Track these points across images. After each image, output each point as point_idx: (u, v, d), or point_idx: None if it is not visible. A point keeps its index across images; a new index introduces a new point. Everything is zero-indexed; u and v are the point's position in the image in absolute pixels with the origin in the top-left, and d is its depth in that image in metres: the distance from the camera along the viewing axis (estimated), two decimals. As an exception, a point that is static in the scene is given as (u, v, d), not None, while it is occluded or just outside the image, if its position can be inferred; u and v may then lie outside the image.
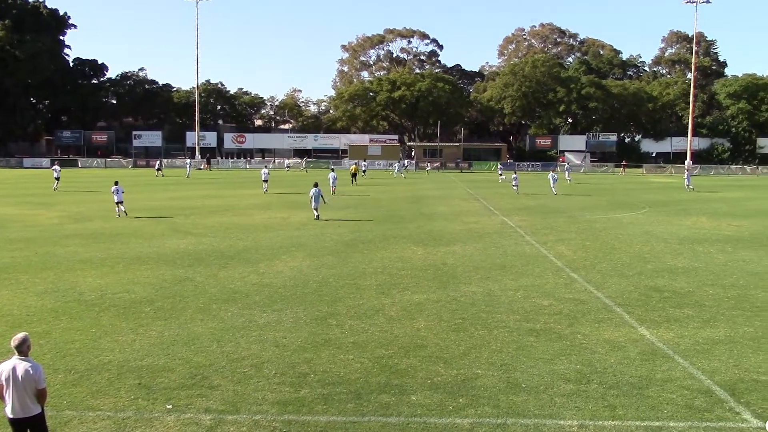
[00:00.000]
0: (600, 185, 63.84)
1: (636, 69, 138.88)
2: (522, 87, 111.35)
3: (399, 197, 45.49)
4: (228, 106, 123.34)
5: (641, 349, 12.27)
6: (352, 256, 21.63)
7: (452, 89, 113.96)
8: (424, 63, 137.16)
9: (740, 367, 11.37)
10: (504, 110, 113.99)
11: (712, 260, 21.70)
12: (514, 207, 39.13)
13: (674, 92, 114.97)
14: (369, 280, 18.01)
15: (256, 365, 11.21)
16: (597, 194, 51.12)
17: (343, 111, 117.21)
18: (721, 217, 34.21)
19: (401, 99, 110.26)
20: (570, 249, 23.64)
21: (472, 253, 22.42)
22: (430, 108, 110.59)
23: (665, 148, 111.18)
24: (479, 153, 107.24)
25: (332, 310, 14.73)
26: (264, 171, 50.81)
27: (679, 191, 54.83)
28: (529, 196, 47.12)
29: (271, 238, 25.43)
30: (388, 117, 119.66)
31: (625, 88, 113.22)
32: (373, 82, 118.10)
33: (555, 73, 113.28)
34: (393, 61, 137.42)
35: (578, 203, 42.53)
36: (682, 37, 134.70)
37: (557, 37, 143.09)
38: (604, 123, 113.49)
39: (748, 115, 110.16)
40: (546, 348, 12.27)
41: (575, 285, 17.67)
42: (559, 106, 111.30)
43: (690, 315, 14.66)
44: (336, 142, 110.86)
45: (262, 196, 44.78)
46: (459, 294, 16.41)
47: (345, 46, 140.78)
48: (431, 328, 13.48)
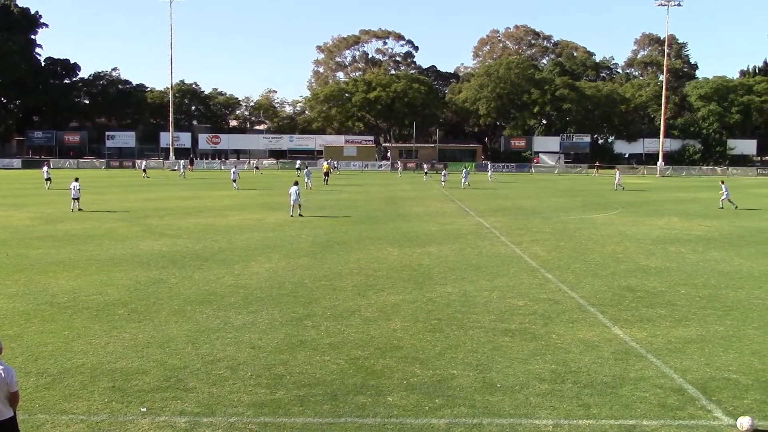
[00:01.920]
0: (574, 186, 64.32)
1: (609, 71, 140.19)
2: (497, 88, 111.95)
3: (374, 198, 45.51)
4: (202, 107, 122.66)
5: (615, 348, 12.39)
6: (327, 257, 21.60)
7: (428, 90, 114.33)
8: (400, 64, 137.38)
9: (711, 365, 11.52)
10: (479, 111, 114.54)
11: (684, 260, 21.96)
12: (489, 208, 39.31)
13: (647, 94, 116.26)
14: (345, 281, 18.00)
15: (232, 367, 11.15)
16: (571, 195, 51.53)
17: (319, 112, 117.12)
18: (692, 218, 34.63)
19: (377, 100, 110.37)
20: (544, 249, 23.79)
21: (447, 254, 22.48)
22: (406, 109, 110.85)
23: (638, 149, 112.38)
24: (455, 154, 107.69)
25: (308, 312, 14.69)
26: (233, 171, 55.01)
27: (652, 192, 55.39)
28: (505, 197, 47.39)
29: (246, 240, 25.32)
30: (363, 118, 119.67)
31: (598, 89, 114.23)
32: (349, 83, 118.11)
33: (529, 75, 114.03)
34: (368, 62, 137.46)
35: (552, 204, 42.83)
36: (654, 39, 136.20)
37: (531, 38, 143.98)
38: (577, 124, 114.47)
39: (718, 117, 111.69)
40: (521, 348, 12.34)
41: (550, 285, 17.79)
42: (533, 107, 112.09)
43: (662, 314, 14.82)
44: (311, 142, 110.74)
45: (237, 198, 44.61)
46: (435, 295, 16.45)
47: (320, 47, 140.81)
48: (407, 328, 13.50)
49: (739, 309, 15.44)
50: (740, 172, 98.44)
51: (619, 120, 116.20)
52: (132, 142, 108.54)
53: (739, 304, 15.97)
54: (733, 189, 62.18)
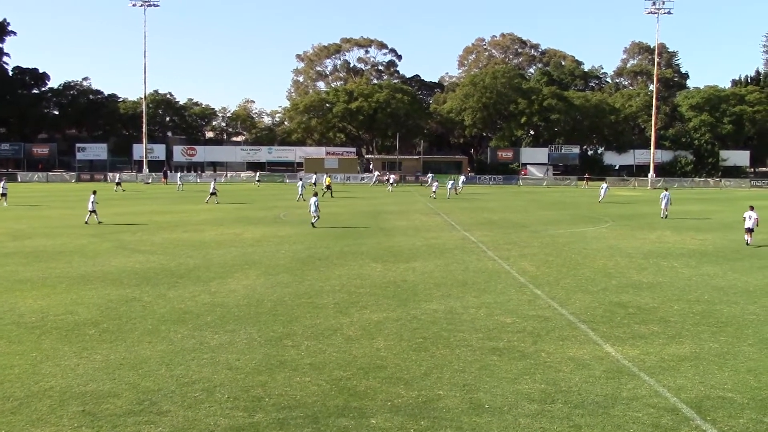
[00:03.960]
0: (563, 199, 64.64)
1: (598, 80, 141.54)
2: (482, 98, 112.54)
3: (357, 212, 45.50)
4: (177, 118, 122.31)
5: (606, 366, 12.41)
6: (308, 274, 21.54)
7: (411, 100, 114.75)
8: (382, 73, 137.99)
9: (706, 384, 11.57)
10: (464, 122, 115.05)
11: (677, 275, 22.09)
12: (476, 222, 39.40)
13: (636, 104, 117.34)
14: (326, 298, 17.94)
15: (208, 389, 11.06)
16: (560, 208, 51.77)
17: (299, 123, 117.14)
18: (685, 231, 34.88)
19: (359, 110, 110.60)
20: (533, 264, 23.86)
21: (432, 270, 22.49)
22: (389, 119, 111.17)
23: (628, 160, 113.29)
24: (439, 166, 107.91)
25: (288, 331, 14.62)
26: (212, 184, 56.33)
27: (643, 204, 55.77)
28: (492, 211, 47.54)
29: (223, 255, 25.20)
30: (345, 129, 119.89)
31: (587, 99, 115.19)
32: (330, 93, 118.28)
33: (516, 84, 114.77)
34: (350, 71, 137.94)
35: (541, 217, 43.00)
36: (643, 48, 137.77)
37: (518, 47, 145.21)
38: (566, 135, 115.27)
39: (710, 128, 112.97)
40: (509, 367, 12.34)
41: (539, 301, 17.82)
42: (520, 117, 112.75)
43: (655, 331, 14.89)
44: (291, 154, 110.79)
45: (214, 212, 44.44)
46: (420, 312, 16.43)
47: (300, 56, 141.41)
48: (391, 347, 13.46)
49: (734, 325, 15.54)
50: (733, 183, 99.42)
51: (609, 131, 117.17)
52: (104, 155, 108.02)
53: (734, 319, 16.07)
54: (727, 201, 62.83)
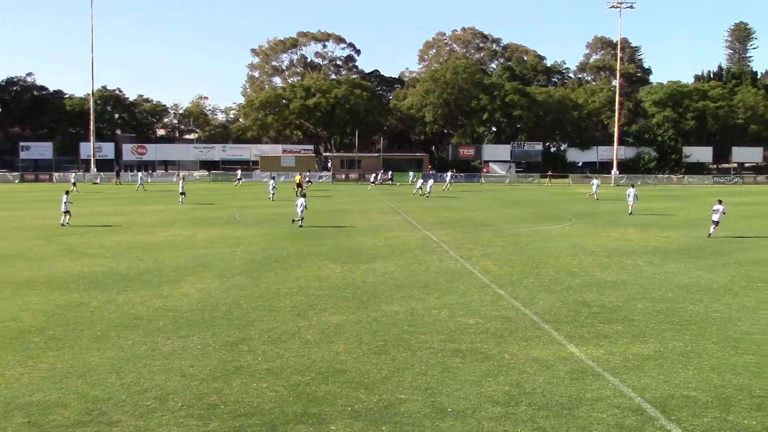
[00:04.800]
0: (526, 197, 65.23)
1: (561, 76, 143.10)
2: (443, 94, 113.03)
3: (316, 211, 45.34)
4: (127, 115, 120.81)
5: (570, 367, 12.55)
6: (264, 276, 21.44)
7: (370, 96, 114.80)
8: (341, 68, 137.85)
9: (670, 383, 11.76)
10: (425, 118, 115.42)
11: (641, 273, 22.43)
12: (437, 221, 39.55)
13: (600, 99, 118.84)
14: (283, 301, 17.88)
15: (161, 397, 10.95)
16: (523, 206, 52.21)
17: (254, 119, 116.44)
18: (648, 229, 35.42)
19: (316, 106, 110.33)
20: (496, 264, 24.03)
21: (393, 271, 22.53)
22: (347, 116, 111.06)
23: (591, 157, 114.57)
24: (400, 164, 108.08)
25: (244, 335, 14.54)
26: (181, 183, 55.54)
27: (607, 202, 56.50)
28: (454, 209, 47.78)
29: (175, 258, 24.96)
30: (302, 126, 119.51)
31: (549, 95, 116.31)
32: (286, 89, 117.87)
33: (478, 80, 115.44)
34: (307, 66, 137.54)
35: (504, 216, 43.32)
36: (606, 43, 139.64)
37: (480, 41, 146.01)
38: (529, 132, 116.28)
39: (673, 124, 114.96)
40: (472, 369, 12.41)
41: (502, 302, 17.95)
42: (482, 113, 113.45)
43: (619, 330, 15.10)
44: (246, 152, 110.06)
45: (166, 213, 44.00)
46: (380, 314, 16.45)
47: (255, 50, 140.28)
48: (351, 351, 13.46)
49: (698, 323, 15.83)
50: (696, 180, 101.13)
51: (572, 127, 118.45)
52: (49, 154, 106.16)
53: (698, 317, 16.37)
54: (690, 198, 63.98)
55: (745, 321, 16.10)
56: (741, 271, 22.82)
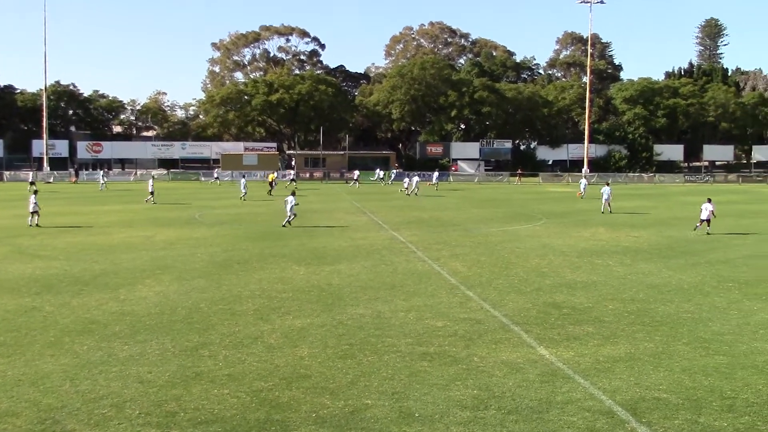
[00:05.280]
0: (495, 196, 65.60)
1: (530, 72, 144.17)
2: (411, 90, 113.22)
3: (278, 211, 45.16)
4: (81, 111, 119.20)
5: (540, 370, 12.65)
6: (225, 278, 21.33)
7: (336, 92, 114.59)
8: (305, 63, 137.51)
9: (641, 385, 11.90)
10: (392, 115, 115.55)
11: (612, 273, 22.68)
12: (405, 221, 39.63)
13: (570, 96, 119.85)
14: (245, 304, 17.80)
15: (117, 405, 10.84)
16: (492, 205, 52.51)
17: (215, 116, 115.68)
18: (619, 228, 35.82)
19: (279, 103, 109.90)
20: (465, 265, 24.14)
21: (359, 272, 22.54)
22: (312, 113, 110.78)
23: (562, 155, 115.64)
24: (366, 162, 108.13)
25: (204, 340, 14.45)
26: (150, 182, 54.58)
27: (577, 201, 57.05)
28: (421, 209, 47.91)
29: (133, 260, 24.73)
30: (265, 123, 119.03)
31: (519, 91, 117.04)
32: (248, 84, 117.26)
33: (446, 76, 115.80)
34: (270, 61, 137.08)
35: (473, 215, 43.54)
36: (576, 38, 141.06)
37: (448, 36, 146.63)
38: (498, 129, 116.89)
39: (644, 121, 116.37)
40: (441, 373, 12.45)
41: (471, 303, 18.04)
42: (450, 110, 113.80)
43: (590, 332, 15.25)
44: (207, 150, 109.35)
45: (123, 213, 43.59)
46: (346, 317, 16.44)
47: (216, 44, 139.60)
48: (315, 355, 13.44)
49: (669, 324, 16.04)
50: (667, 179, 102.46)
51: (542, 124, 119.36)
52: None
53: (669, 318, 16.59)
54: (661, 197, 64.82)
55: (716, 321, 16.35)
56: (712, 271, 23.18)
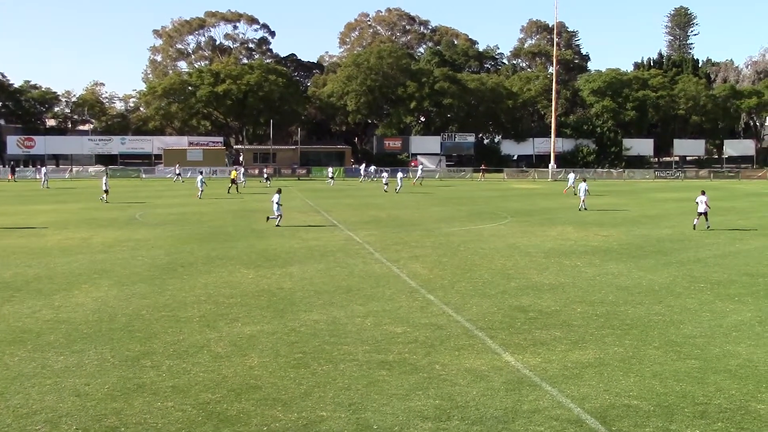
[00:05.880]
0: (457, 193, 65.91)
1: (494, 62, 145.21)
2: (367, 80, 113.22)
3: (225, 210, 44.99)
4: (11, 103, 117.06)
5: (506, 377, 12.75)
6: (169, 283, 21.16)
7: (287, 83, 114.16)
8: (253, 52, 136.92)
9: (611, 391, 12.06)
10: (347, 107, 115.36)
11: (580, 275, 22.94)
12: (361, 220, 39.66)
13: (536, 88, 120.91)
14: (191, 310, 17.68)
15: (52, 420, 10.71)
16: (454, 203, 52.75)
17: (156, 108, 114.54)
18: (588, 227, 36.23)
19: (226, 94, 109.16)
20: (425, 267, 24.23)
21: (312, 275, 22.50)
22: (261, 105, 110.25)
23: (527, 150, 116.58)
24: (319, 157, 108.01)
25: (146, 349, 14.32)
26: (104, 180, 53.83)
27: (544, 198, 57.59)
28: (379, 207, 47.95)
29: (68, 264, 24.42)
30: (210, 115, 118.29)
31: (482, 82, 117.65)
32: (193, 74, 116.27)
33: (404, 65, 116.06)
34: (216, 49, 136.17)
35: (434, 214, 43.69)
36: (542, 27, 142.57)
37: (406, 23, 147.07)
38: (460, 122, 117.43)
39: (613, 114, 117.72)
40: (400, 382, 12.48)
41: (432, 308, 18.11)
42: (409, 102, 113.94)
43: (557, 337, 15.40)
44: (148, 145, 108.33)
45: (57, 213, 42.99)
46: (298, 324, 16.41)
47: (158, 32, 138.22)
48: (266, 365, 13.39)
49: (639, 327, 16.27)
50: (637, 174, 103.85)
51: (506, 117, 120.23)
52: None
53: (639, 321, 16.83)
54: (631, 194, 65.71)
55: (688, 324, 16.63)
56: (683, 271, 23.57)
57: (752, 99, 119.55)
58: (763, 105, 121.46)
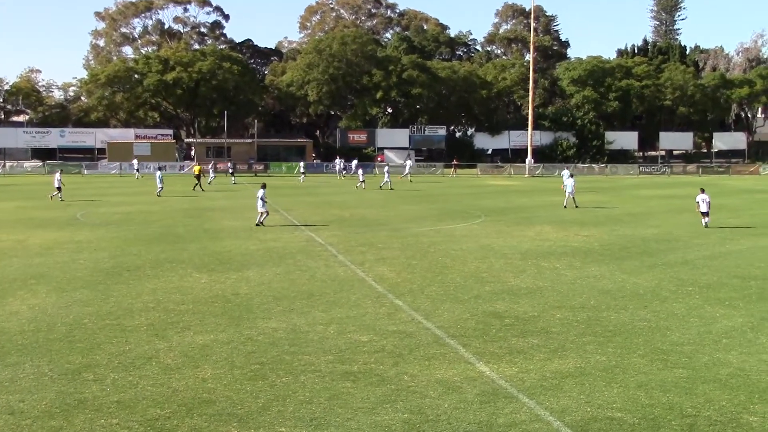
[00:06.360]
0: (427, 190, 66.04)
1: (466, 48, 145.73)
2: (330, 68, 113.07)
3: (175, 209, 44.71)
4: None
5: (480, 389, 12.78)
6: (114, 289, 20.99)
7: (242, 71, 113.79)
8: (206, 37, 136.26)
9: (592, 403, 12.12)
10: (308, 97, 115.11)
11: (559, 278, 23.07)
12: (323, 219, 39.60)
13: (511, 77, 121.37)
14: (138, 318, 17.55)
15: (-17, 441, 10.59)
16: (424, 201, 52.84)
17: (99, 98, 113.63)
18: (568, 226, 36.45)
19: (176, 83, 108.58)
20: (393, 270, 24.25)
21: (271, 280, 22.45)
22: (214, 94, 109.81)
23: (503, 144, 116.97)
24: (278, 151, 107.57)
25: (88, 361, 14.19)
26: (57, 176, 53.09)
27: (520, 195, 57.86)
28: (342, 206, 47.93)
29: (2, 268, 24.16)
30: (159, 106, 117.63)
31: (454, 71, 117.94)
32: (139, 61, 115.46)
33: (370, 52, 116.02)
34: (165, 33, 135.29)
35: (402, 213, 43.74)
36: (518, 11, 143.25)
37: (372, 7, 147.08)
38: (430, 114, 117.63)
39: (594, 105, 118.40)
40: (366, 395, 12.47)
41: (400, 314, 18.13)
42: (375, 92, 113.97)
43: (535, 344, 15.47)
44: (90, 138, 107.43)
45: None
46: (256, 332, 16.35)
47: (100, 14, 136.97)
48: (221, 377, 13.33)
49: (623, 334, 16.39)
50: (621, 170, 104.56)
51: (480, 108, 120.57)
52: None
53: (623, 327, 16.95)
54: (614, 191, 66.22)
55: (675, 330, 16.78)
56: (670, 274, 23.78)
57: (744, 89, 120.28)
58: (756, 95, 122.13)
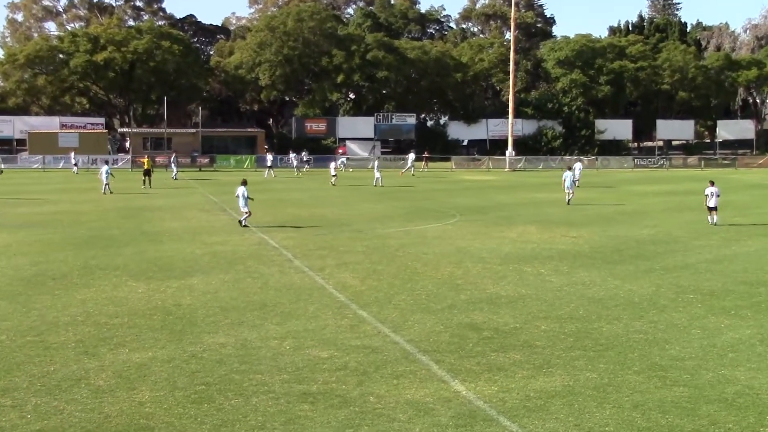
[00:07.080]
0: (395, 186, 66.08)
1: (439, 26, 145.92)
2: (284, 48, 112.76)
3: (109, 209, 44.43)
4: None
5: (455, 411, 12.78)
6: (36, 300, 20.80)
7: (184, 51, 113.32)
8: (142, 12, 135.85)
9: (582, 426, 12.15)
10: (259, 81, 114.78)
11: (544, 284, 23.15)
12: (277, 219, 39.50)
13: (490, 58, 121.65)
14: (64, 334, 17.40)
15: None
16: (391, 199, 52.85)
17: (18, 82, 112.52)
18: (553, 226, 36.59)
19: (108, 64, 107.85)
20: (356, 277, 24.24)
21: (218, 288, 22.36)
22: (152, 78, 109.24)
23: (480, 134, 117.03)
24: (225, 142, 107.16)
25: (6, 384, 14.04)
26: None
27: (500, 192, 58.00)
28: (299, 204, 47.83)
29: None
30: (88, 91, 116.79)
31: (425, 51, 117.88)
32: (65, 39, 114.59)
33: (329, 30, 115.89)
34: (94, 7, 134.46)
35: (366, 212, 43.72)
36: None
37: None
38: (398, 100, 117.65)
39: (583, 90, 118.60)
40: (327, 418, 12.44)
41: (365, 327, 18.11)
42: (336, 75, 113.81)
43: (518, 360, 15.50)
44: (8, 128, 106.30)
45: None
46: (201, 348, 16.28)
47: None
48: (161, 400, 13.24)
49: (616, 348, 16.47)
50: (613, 162, 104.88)
51: (454, 94, 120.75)
52: None
53: (616, 341, 17.04)
54: (606, 187, 66.58)
55: (675, 343, 16.88)
56: (668, 280, 23.93)
57: (751, 70, 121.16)
58: (765, 78, 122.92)
